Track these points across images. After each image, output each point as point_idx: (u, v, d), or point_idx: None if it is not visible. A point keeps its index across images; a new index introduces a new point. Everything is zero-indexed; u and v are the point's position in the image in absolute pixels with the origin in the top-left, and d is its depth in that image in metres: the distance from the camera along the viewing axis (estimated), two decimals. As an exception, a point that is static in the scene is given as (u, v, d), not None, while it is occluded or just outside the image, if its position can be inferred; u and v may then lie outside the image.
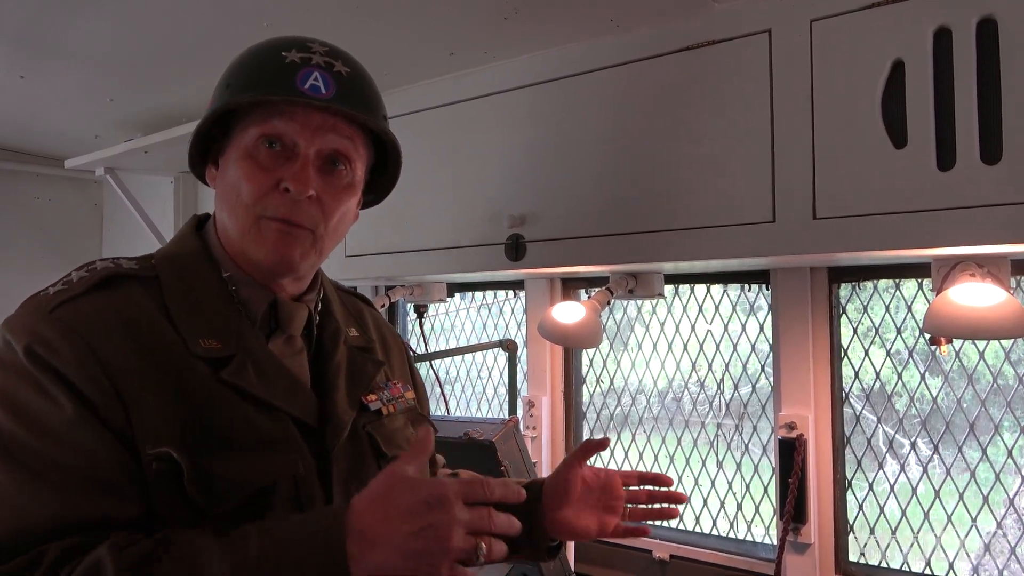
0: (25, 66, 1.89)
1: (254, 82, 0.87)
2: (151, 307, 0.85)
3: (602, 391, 2.15)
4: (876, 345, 1.72)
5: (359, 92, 0.91)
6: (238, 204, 0.88)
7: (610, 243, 1.56)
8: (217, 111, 0.89)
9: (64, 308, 0.81)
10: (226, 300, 0.90)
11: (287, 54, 0.88)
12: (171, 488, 0.78)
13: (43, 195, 2.94)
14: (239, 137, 0.89)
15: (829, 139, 1.30)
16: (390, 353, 1.10)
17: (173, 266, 0.91)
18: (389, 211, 1.93)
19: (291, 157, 0.87)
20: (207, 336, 0.86)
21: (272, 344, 0.92)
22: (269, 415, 0.86)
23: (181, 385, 0.82)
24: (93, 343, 0.79)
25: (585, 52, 1.60)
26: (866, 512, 1.71)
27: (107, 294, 0.84)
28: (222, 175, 0.91)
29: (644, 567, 1.93)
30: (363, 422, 0.96)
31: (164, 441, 0.78)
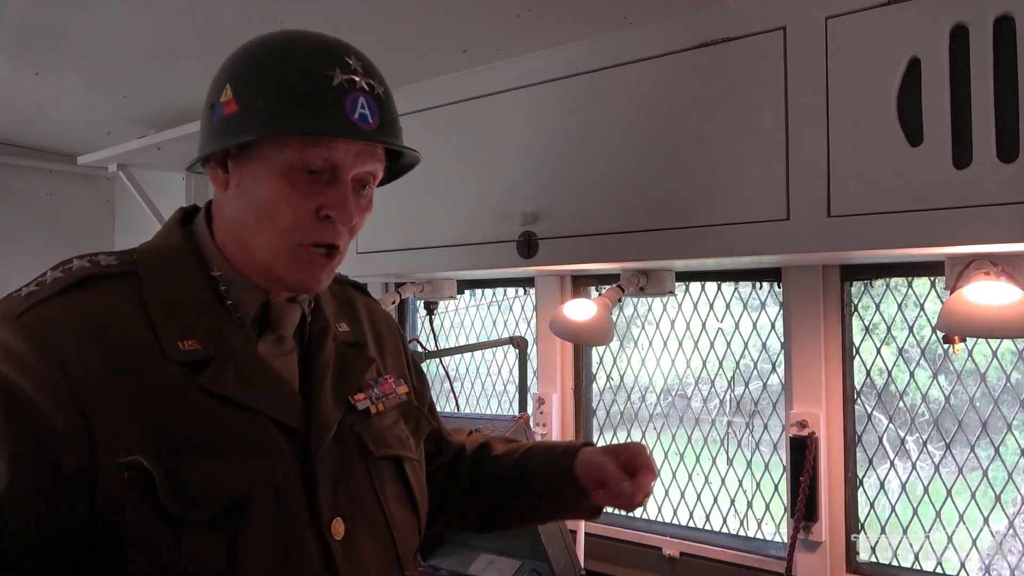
0: (40, 63, 1.90)
1: (304, 107, 0.83)
2: (127, 308, 0.83)
3: (612, 388, 2.15)
4: (887, 343, 1.72)
5: (394, 115, 0.92)
6: (272, 227, 0.85)
7: (623, 240, 1.56)
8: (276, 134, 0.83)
9: (33, 312, 0.79)
10: (211, 299, 0.88)
11: (332, 74, 0.85)
12: (144, 497, 0.76)
13: (55, 192, 2.96)
14: (271, 153, 0.84)
15: (844, 137, 1.29)
16: (383, 345, 1.07)
17: (156, 262, 0.88)
18: (402, 208, 1.95)
19: (330, 182, 0.85)
20: (186, 337, 0.83)
21: (262, 344, 0.90)
22: (249, 419, 0.84)
23: (154, 392, 0.79)
24: (60, 352, 0.76)
25: (598, 49, 1.60)
26: (877, 511, 1.71)
27: (80, 296, 0.81)
28: (245, 186, 0.87)
29: (654, 564, 1.93)
30: (350, 422, 0.93)
31: (134, 449, 0.76)
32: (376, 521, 0.92)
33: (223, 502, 0.79)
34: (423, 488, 1.02)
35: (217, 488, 0.79)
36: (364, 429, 0.95)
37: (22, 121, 2.47)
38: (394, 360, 1.09)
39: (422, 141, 1.87)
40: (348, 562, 0.87)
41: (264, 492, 0.82)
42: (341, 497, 0.89)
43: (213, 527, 0.78)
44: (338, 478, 0.89)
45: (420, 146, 0.98)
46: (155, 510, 0.76)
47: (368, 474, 0.93)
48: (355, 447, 0.93)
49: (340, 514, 0.88)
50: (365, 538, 0.90)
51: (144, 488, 0.76)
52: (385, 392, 1.00)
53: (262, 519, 0.81)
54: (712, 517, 1.96)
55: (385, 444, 0.96)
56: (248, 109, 0.85)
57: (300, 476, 0.86)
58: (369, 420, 0.96)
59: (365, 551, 0.90)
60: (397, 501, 0.96)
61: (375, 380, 1.00)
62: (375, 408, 0.97)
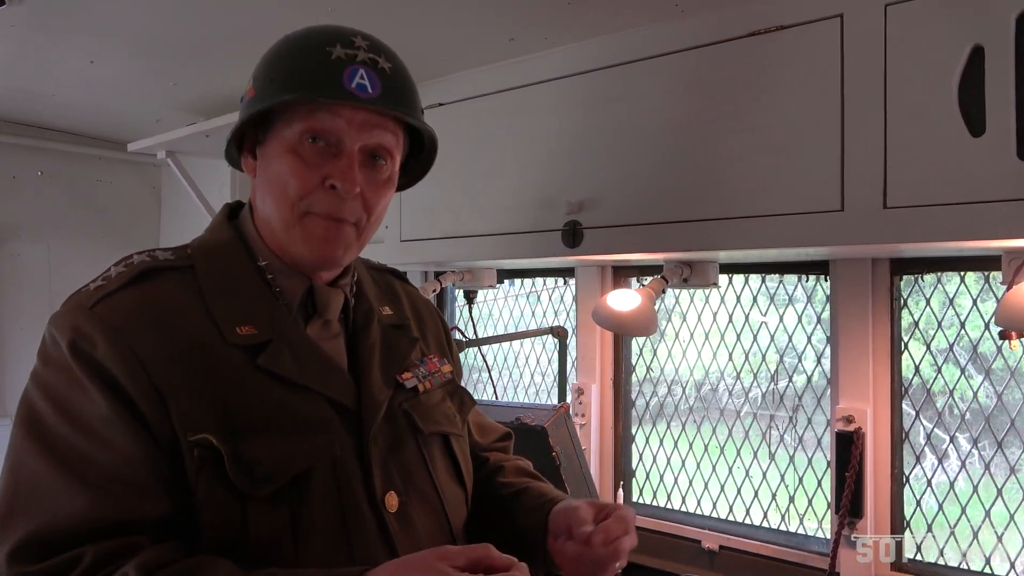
0: (95, 51, 1.94)
1: (301, 79, 0.87)
2: (186, 298, 0.87)
3: (651, 379, 2.14)
4: (937, 339, 1.69)
5: (402, 88, 0.92)
6: (283, 200, 0.89)
7: (669, 231, 1.55)
8: (269, 107, 0.88)
9: (103, 304, 0.83)
10: (261, 287, 0.91)
11: (332, 49, 0.87)
12: (213, 474, 0.80)
13: (105, 178, 3.02)
14: (282, 130, 0.89)
15: (902, 126, 1.27)
16: (424, 327, 1.09)
17: (208, 255, 0.92)
18: (445, 197, 1.97)
19: (336, 153, 0.88)
20: (243, 323, 0.87)
21: (310, 329, 0.93)
22: (306, 399, 0.87)
23: (217, 373, 0.83)
24: (131, 338, 0.81)
25: (648, 37, 1.59)
26: (923, 509, 1.68)
27: (143, 288, 0.86)
28: (264, 167, 0.91)
29: (692, 557, 1.92)
30: (399, 400, 0.96)
31: (203, 428, 0.80)
32: (428, 495, 0.95)
33: (286, 477, 0.82)
34: (469, 464, 1.05)
35: (281, 464, 0.82)
36: (413, 407, 0.97)
37: (75, 108, 2.53)
38: (436, 341, 1.11)
39: (467, 130, 1.90)
40: (403, 534, 0.89)
41: (323, 468, 0.85)
42: (393, 472, 0.92)
43: (277, 501, 0.81)
44: (389, 454, 0.92)
45: (465, 135, 0.99)
46: (224, 486, 0.80)
47: (418, 450, 0.96)
48: (405, 424, 0.96)
49: (393, 488, 0.91)
50: (418, 511, 0.93)
51: (213, 465, 0.80)
52: (430, 371, 1.03)
53: (321, 493, 0.85)
54: (752, 511, 1.94)
55: (433, 421, 0.99)
56: (259, 92, 0.90)
57: (354, 452, 0.89)
58: (417, 398, 0.99)
59: (418, 524, 0.92)
60: (446, 475, 0.99)
61: (420, 360, 1.03)
62: (422, 386, 1.00)
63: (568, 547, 0.93)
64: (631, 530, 0.92)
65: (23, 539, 0.75)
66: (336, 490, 0.86)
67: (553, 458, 1.75)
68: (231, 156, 0.98)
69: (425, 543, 0.91)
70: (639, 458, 2.14)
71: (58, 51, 1.94)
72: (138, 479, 0.78)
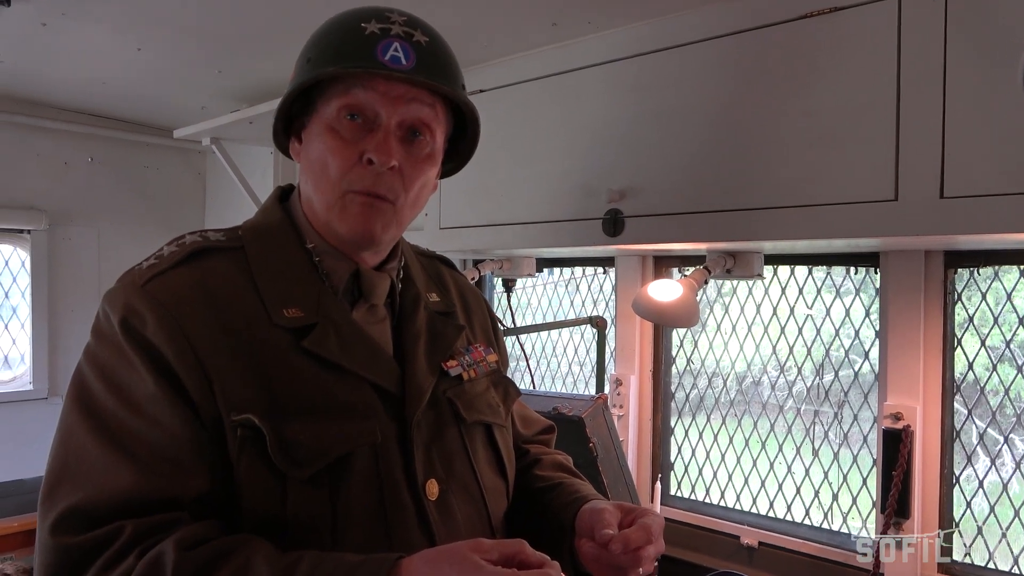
0: (142, 39, 1.97)
1: (335, 55, 0.87)
2: (236, 278, 0.88)
3: (692, 371, 2.11)
4: (992, 335, 1.62)
5: (439, 61, 0.90)
6: (323, 178, 0.89)
7: (713, 220, 1.52)
8: (300, 86, 0.89)
9: (154, 282, 0.85)
10: (309, 270, 0.91)
11: (366, 25, 0.87)
12: (255, 454, 0.80)
13: (152, 164, 3.09)
14: (322, 110, 0.89)
15: (962, 113, 1.21)
16: (472, 316, 1.09)
17: (258, 237, 0.93)
18: (485, 183, 1.95)
19: (373, 128, 0.87)
20: (290, 305, 0.87)
21: (356, 313, 0.93)
22: (349, 383, 0.87)
23: (263, 354, 0.84)
24: (180, 316, 0.82)
25: (694, 21, 1.55)
26: (974, 510, 1.63)
27: (194, 267, 0.87)
28: (306, 149, 0.92)
29: (731, 552, 1.89)
30: (444, 388, 0.96)
31: (247, 408, 0.81)
32: (469, 484, 0.94)
33: (327, 460, 0.82)
34: (511, 454, 1.04)
35: (323, 447, 0.83)
36: (457, 395, 0.97)
37: (124, 96, 2.58)
38: (482, 329, 1.10)
39: (508, 116, 1.88)
40: (442, 522, 0.89)
41: (364, 452, 0.85)
42: (435, 460, 0.91)
43: (317, 483, 0.82)
44: (431, 442, 0.92)
45: (506, 122, 0.97)
46: (265, 466, 0.80)
47: (461, 438, 0.95)
48: (448, 412, 0.95)
49: (434, 476, 0.90)
50: (458, 500, 0.92)
51: (255, 445, 0.80)
52: (476, 360, 1.02)
53: (361, 477, 0.85)
54: (794, 508, 1.91)
55: (477, 410, 0.98)
56: (297, 73, 0.91)
57: (396, 438, 0.89)
58: (462, 386, 0.98)
59: (458, 513, 0.91)
60: (488, 466, 0.98)
61: (466, 348, 1.02)
62: (467, 375, 0.99)
63: (589, 549, 0.91)
64: (655, 538, 0.89)
65: (67, 510, 0.77)
66: (376, 475, 0.86)
67: (590, 449, 1.73)
68: (279, 142, 0.98)
69: (464, 533, 0.90)
70: (678, 451, 2.11)
71: (108, 39, 1.98)
72: (181, 457, 0.79)
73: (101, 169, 2.96)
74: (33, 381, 2.84)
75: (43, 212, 2.80)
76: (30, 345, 2.85)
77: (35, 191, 2.81)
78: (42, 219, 2.80)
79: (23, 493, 2.16)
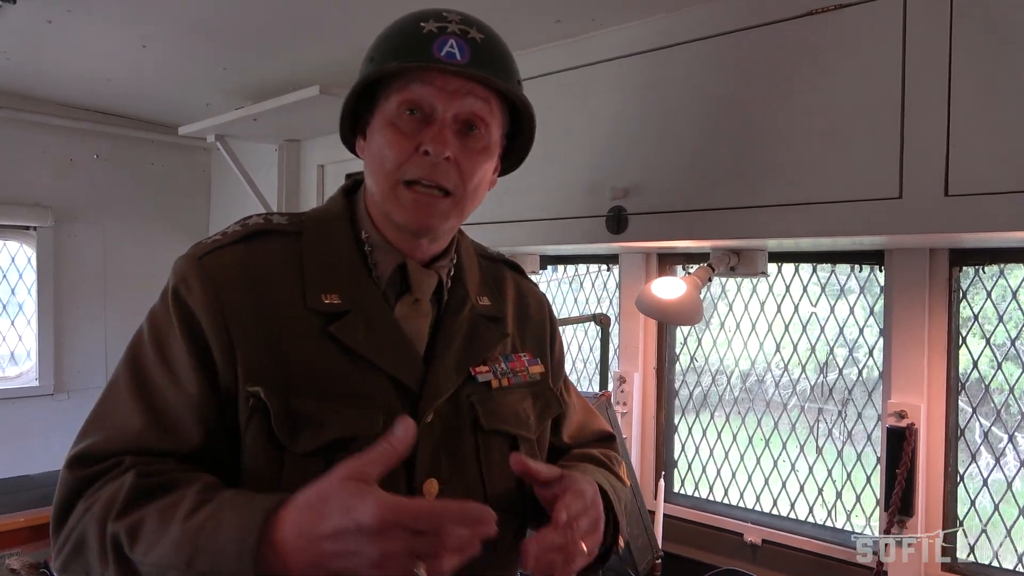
0: (147, 36, 1.98)
1: (395, 53, 0.91)
2: (284, 261, 0.93)
3: (695, 369, 2.11)
4: (997, 334, 1.62)
5: (494, 57, 0.93)
6: (381, 170, 0.92)
7: (717, 218, 1.52)
8: (361, 83, 0.92)
9: (211, 256, 0.91)
10: (357, 260, 0.95)
11: (424, 24, 0.91)
12: (260, 424, 0.85)
13: (157, 161, 3.09)
14: (382, 106, 0.92)
15: (967, 109, 1.21)
16: (526, 324, 1.07)
17: (317, 224, 0.97)
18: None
19: (430, 122, 0.90)
20: (330, 291, 0.91)
21: (400, 305, 0.95)
22: (368, 372, 0.89)
23: (289, 334, 0.89)
24: (221, 291, 0.89)
25: (699, 18, 1.54)
26: (978, 508, 1.62)
27: (249, 246, 0.93)
28: (369, 144, 0.95)
29: (734, 550, 1.89)
30: (468, 392, 0.96)
31: (259, 381, 0.86)
32: (473, 491, 0.94)
33: (324, 439, 0.86)
34: None
35: (324, 425, 0.86)
36: (481, 401, 0.96)
37: (129, 93, 2.59)
38: (535, 341, 1.08)
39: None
40: None
41: (366, 439, 0.85)
42: (442, 460, 0.92)
43: (314, 459, 0.85)
44: (443, 442, 0.92)
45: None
46: (267, 437, 0.85)
47: (475, 445, 0.95)
48: (467, 416, 0.95)
49: (437, 476, 0.91)
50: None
51: (262, 415, 0.85)
52: (514, 369, 1.01)
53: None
54: (797, 506, 1.90)
55: (499, 418, 0.97)
56: (361, 73, 0.94)
57: None
58: (489, 393, 0.97)
59: None
60: (502, 476, 0.96)
61: (506, 356, 1.01)
62: (497, 382, 0.98)
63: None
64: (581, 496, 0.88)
65: (86, 448, 0.85)
66: None
67: (594, 446, 1.73)
68: (346, 140, 1.01)
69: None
70: (681, 448, 2.11)
71: (113, 36, 1.99)
72: (186, 416, 0.86)
73: (106, 166, 2.97)
74: (39, 377, 2.84)
75: (49, 209, 2.81)
76: (36, 341, 2.86)
77: (41, 188, 2.82)
78: (48, 216, 2.81)
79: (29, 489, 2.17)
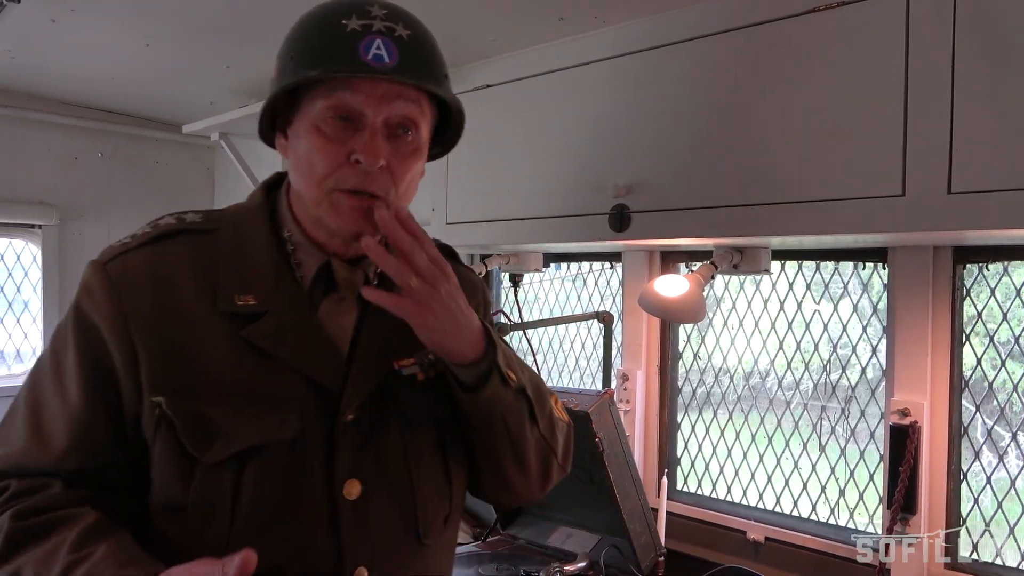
0: (151, 34, 1.98)
1: (318, 55, 0.87)
2: (194, 262, 0.90)
3: (699, 367, 2.11)
4: (1001, 332, 1.61)
5: (422, 56, 0.90)
6: (311, 177, 0.89)
7: (719, 215, 1.52)
8: (285, 88, 0.89)
9: (116, 261, 0.89)
10: (276, 258, 0.92)
11: (347, 22, 0.87)
12: (167, 433, 0.84)
13: (162, 159, 3.10)
14: (307, 108, 0.89)
15: (971, 106, 1.21)
16: None
17: (234, 223, 0.94)
18: (492, 179, 1.95)
19: (359, 128, 0.87)
20: (245, 292, 0.89)
21: (325, 304, 0.93)
22: (280, 373, 0.88)
23: (194, 339, 0.86)
24: (124, 296, 0.87)
25: (701, 16, 1.54)
26: (982, 507, 1.62)
27: (156, 248, 0.91)
28: (293, 146, 0.92)
29: (737, 547, 1.89)
30: (395, 388, 0.94)
31: (162, 391, 0.84)
32: (399, 487, 0.93)
33: (236, 448, 0.85)
34: (461, 459, 1.00)
35: (232, 435, 0.85)
36: (408, 396, 0.95)
37: (133, 91, 2.60)
38: None
39: (514, 112, 1.88)
40: (355, 522, 0.89)
41: (279, 445, 0.86)
42: (365, 460, 0.90)
43: (224, 469, 0.84)
44: (367, 440, 0.91)
45: (512, 117, 0.97)
46: (175, 446, 0.84)
47: (401, 441, 0.93)
48: (393, 412, 0.93)
49: (359, 476, 0.90)
50: (383, 503, 0.91)
51: (168, 425, 0.84)
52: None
53: (272, 470, 0.86)
54: (800, 503, 1.90)
55: (426, 412, 0.96)
56: (282, 70, 0.91)
57: (325, 433, 0.89)
58: (415, 387, 0.95)
59: (379, 515, 0.91)
60: (431, 470, 0.96)
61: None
62: (423, 375, 0.95)
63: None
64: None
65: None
66: (290, 469, 0.86)
67: (596, 444, 1.74)
68: (265, 136, 0.98)
69: (380, 535, 0.91)
70: (684, 446, 2.12)
71: (116, 35, 1.99)
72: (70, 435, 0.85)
73: (111, 164, 2.98)
74: (44, 375, 2.86)
75: (54, 207, 2.82)
76: (41, 339, 2.88)
77: (46, 186, 2.83)
78: (53, 214, 2.82)
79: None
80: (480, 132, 1.98)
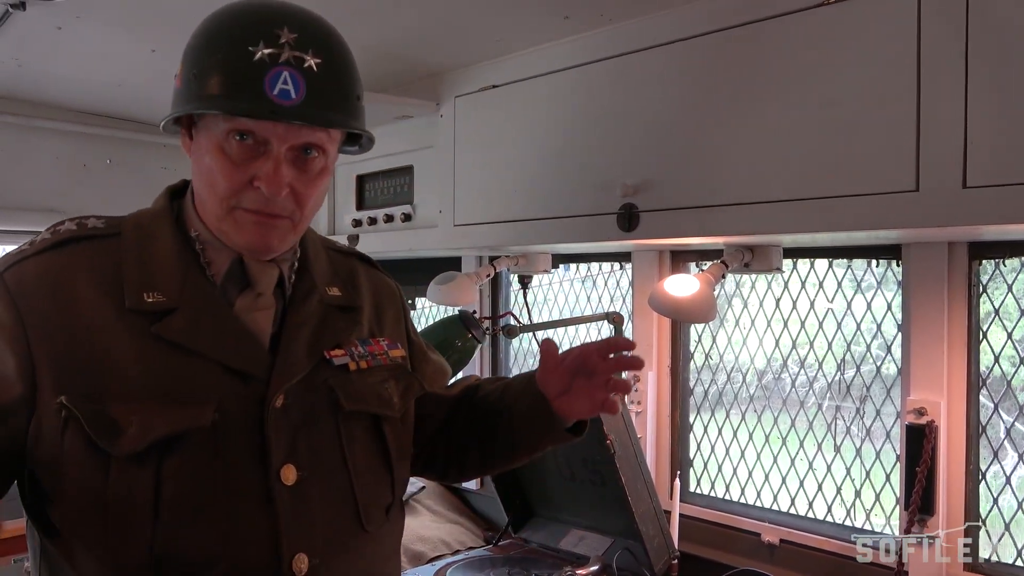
0: (156, 40, 1.98)
1: (222, 83, 0.86)
2: (100, 265, 0.91)
3: (710, 367, 2.09)
4: (1019, 328, 1.58)
5: (331, 87, 0.89)
6: (212, 194, 0.91)
7: (729, 213, 1.50)
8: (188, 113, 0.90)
9: (13, 269, 0.90)
10: (184, 257, 0.94)
11: (254, 49, 0.86)
12: (77, 431, 0.84)
13: (169, 165, 3.10)
14: (209, 123, 0.89)
15: (986, 98, 1.18)
16: (383, 312, 1.11)
17: (137, 225, 0.96)
18: (499, 180, 1.94)
19: (263, 152, 0.88)
20: (153, 290, 0.90)
21: (240, 300, 0.95)
22: (195, 365, 0.89)
23: (105, 337, 0.87)
24: (22, 305, 0.87)
25: (707, 12, 1.52)
26: (1001, 507, 1.59)
27: (56, 255, 0.91)
28: (196, 152, 0.93)
29: (752, 550, 1.87)
30: (325, 376, 0.96)
31: (65, 390, 0.85)
32: (336, 474, 0.95)
33: (151, 439, 0.85)
34: (403, 447, 1.05)
35: (145, 425, 0.85)
36: (340, 384, 0.97)
37: (141, 98, 2.60)
38: (393, 327, 1.12)
39: (520, 112, 1.87)
40: (293, 507, 0.90)
41: (200, 434, 0.87)
42: (300, 445, 0.92)
43: (142, 463, 0.84)
44: (301, 427, 0.92)
45: (518, 118, 0.96)
46: (86, 443, 0.84)
47: (336, 427, 0.96)
48: (326, 400, 0.96)
49: (294, 462, 0.91)
50: (320, 489, 0.93)
51: (75, 421, 0.84)
52: (373, 352, 1.03)
53: (195, 459, 0.86)
54: (815, 505, 1.88)
55: (360, 400, 0.99)
56: (186, 83, 0.91)
57: (253, 420, 0.89)
58: (347, 376, 0.98)
59: (317, 501, 0.92)
60: (368, 457, 0.99)
61: (363, 340, 1.03)
62: (354, 364, 0.99)
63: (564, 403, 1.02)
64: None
65: None
66: (214, 457, 0.87)
67: (607, 446, 1.72)
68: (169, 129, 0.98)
69: (319, 520, 0.92)
70: (697, 447, 2.09)
71: (122, 42, 1.99)
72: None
73: (119, 171, 2.98)
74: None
75: (62, 214, 2.83)
76: (53, 346, 2.89)
77: (54, 193, 2.83)
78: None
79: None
80: (487, 133, 1.97)
